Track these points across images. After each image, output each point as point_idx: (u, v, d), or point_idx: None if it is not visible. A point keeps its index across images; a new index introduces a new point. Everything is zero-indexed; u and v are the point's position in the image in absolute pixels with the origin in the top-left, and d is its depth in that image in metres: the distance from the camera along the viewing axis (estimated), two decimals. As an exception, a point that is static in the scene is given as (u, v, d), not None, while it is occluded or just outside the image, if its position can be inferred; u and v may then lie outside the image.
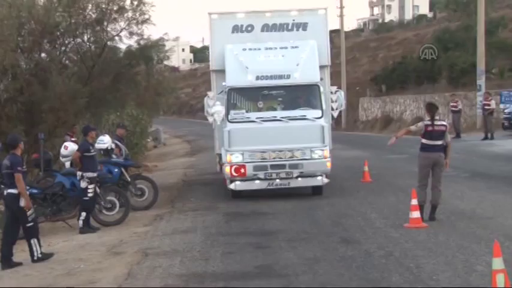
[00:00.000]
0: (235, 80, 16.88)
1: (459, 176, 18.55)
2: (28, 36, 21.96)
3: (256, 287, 9.47)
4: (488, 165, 21.59)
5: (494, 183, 17.82)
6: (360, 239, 12.07)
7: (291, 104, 17.45)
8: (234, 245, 12.09)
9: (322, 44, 17.97)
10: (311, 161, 16.28)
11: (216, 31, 18.43)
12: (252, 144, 16.31)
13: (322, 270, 10.05)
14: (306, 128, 16.48)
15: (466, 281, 8.89)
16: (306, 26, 18.24)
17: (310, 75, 16.86)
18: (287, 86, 17.03)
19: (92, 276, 10.73)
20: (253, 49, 17.57)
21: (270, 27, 18.30)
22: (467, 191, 16.22)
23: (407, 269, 9.79)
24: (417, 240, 11.55)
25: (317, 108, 16.74)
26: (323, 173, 16.54)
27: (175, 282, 9.90)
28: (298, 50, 17.38)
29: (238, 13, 19.01)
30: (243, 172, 16.21)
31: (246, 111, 17.03)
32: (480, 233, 11.53)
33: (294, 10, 18.91)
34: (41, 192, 15.25)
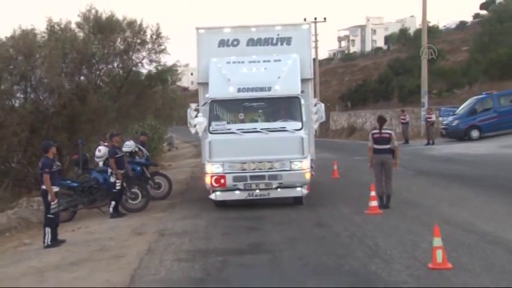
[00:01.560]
0: (217, 92, 14.21)
1: (407, 173, 18.61)
2: (70, 63, 22.12)
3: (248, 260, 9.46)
4: (430, 165, 21.68)
5: (434, 179, 17.91)
6: (331, 223, 12.12)
7: (272, 116, 14.74)
8: (231, 227, 12.10)
9: (305, 58, 15.37)
10: (290, 172, 13.54)
11: (203, 45, 15.67)
12: (232, 155, 13.64)
13: (301, 247, 10.10)
14: (285, 140, 13.73)
15: (412, 256, 8.95)
16: (290, 40, 15.52)
17: (290, 87, 14.11)
18: (268, 98, 14.29)
19: (119, 251, 10.77)
20: (237, 62, 14.81)
21: (255, 42, 15.61)
22: (413, 186, 16.27)
23: (367, 246, 9.84)
24: (375, 224, 11.59)
25: (297, 120, 13.96)
26: (302, 184, 13.84)
27: (185, 256, 9.89)
28: (280, 63, 14.67)
29: (224, 28, 16.06)
30: (223, 182, 13.57)
31: (227, 123, 14.23)
32: (424, 219, 11.57)
33: (278, 25, 16.03)
34: (80, 185, 15.38)
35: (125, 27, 23.76)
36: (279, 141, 13.64)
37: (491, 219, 11.35)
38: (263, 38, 15.54)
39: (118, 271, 9.35)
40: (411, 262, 8.59)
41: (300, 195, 13.94)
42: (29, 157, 19.71)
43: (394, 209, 12.92)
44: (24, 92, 21.89)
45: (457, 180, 17.30)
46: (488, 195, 14.39)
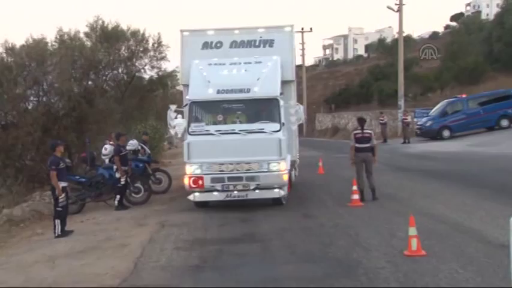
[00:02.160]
0: (196, 93, 13.04)
1: (386, 169, 18.61)
2: (79, 69, 22.11)
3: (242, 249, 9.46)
4: (406, 162, 21.74)
5: (410, 174, 17.96)
6: (316, 214, 12.11)
7: (250, 118, 13.44)
8: (226, 219, 12.07)
9: (287, 60, 13.98)
10: (268, 174, 12.45)
11: (187, 47, 14.42)
12: (210, 156, 12.54)
13: (289, 237, 10.10)
14: (262, 141, 12.55)
15: (389, 244, 8.96)
16: (272, 42, 14.22)
17: (269, 89, 12.87)
18: (247, 100, 12.99)
19: (124, 240, 10.73)
20: (219, 64, 13.55)
21: (238, 44, 14.35)
22: (392, 180, 16.29)
23: (349, 235, 9.85)
24: (356, 215, 11.61)
25: (275, 121, 12.75)
26: (280, 185, 12.71)
27: (183, 245, 9.89)
28: (261, 65, 13.38)
29: (208, 30, 14.80)
30: (201, 184, 12.50)
31: (205, 124, 13.08)
32: (401, 210, 11.58)
33: (261, 27, 14.66)
34: (88, 180, 15.35)
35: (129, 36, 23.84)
36: (257, 143, 12.53)
37: (461, 211, 11.38)
38: (246, 40, 14.40)
39: (122, 258, 9.34)
40: (389, 250, 8.60)
41: (278, 197, 12.87)
42: (42, 155, 19.61)
43: (374, 202, 12.93)
44: (37, 96, 21.82)
45: (431, 175, 17.35)
46: (458, 188, 14.44)
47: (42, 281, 8.47)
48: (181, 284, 7.65)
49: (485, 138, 28.45)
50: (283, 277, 7.62)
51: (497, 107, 30.89)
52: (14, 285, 8.49)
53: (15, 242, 12.73)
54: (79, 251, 10.26)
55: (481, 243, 8.65)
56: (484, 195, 13.15)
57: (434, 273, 7.26)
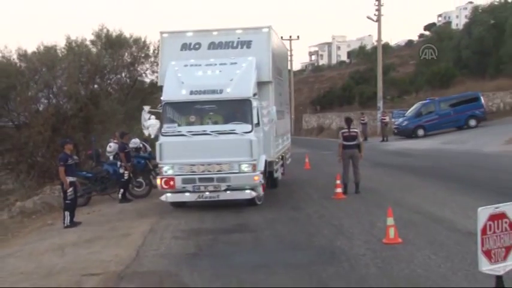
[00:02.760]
0: (170, 94, 12.10)
1: (366, 165, 18.53)
2: (86, 74, 22.08)
3: (235, 238, 9.42)
4: (385, 158, 21.78)
5: (389, 169, 17.99)
6: (303, 206, 12.09)
7: (223, 119, 12.43)
8: (220, 211, 11.98)
9: (264, 61, 12.78)
10: (238, 175, 11.46)
11: (166, 49, 13.40)
12: (181, 157, 11.55)
13: (279, 227, 10.08)
14: (233, 142, 11.53)
15: (369, 233, 8.98)
16: (250, 43, 13.01)
17: (242, 90, 11.87)
18: (219, 101, 11.95)
19: (127, 230, 10.70)
20: (194, 65, 12.47)
21: (216, 45, 13.17)
22: (372, 175, 16.28)
23: (333, 225, 9.83)
24: (339, 207, 11.59)
25: (247, 122, 11.72)
26: (251, 186, 11.69)
27: (181, 235, 9.84)
28: (235, 66, 12.33)
29: (187, 32, 13.54)
30: (172, 184, 11.53)
31: (178, 125, 12.01)
32: (380, 202, 11.57)
33: (239, 29, 13.46)
34: (94, 176, 15.30)
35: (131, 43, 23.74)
36: (228, 144, 11.51)
37: (434, 202, 11.40)
38: (224, 42, 13.20)
39: (126, 247, 9.30)
40: (369, 238, 8.61)
41: (249, 198, 11.79)
42: (51, 152, 19.58)
43: (356, 195, 12.92)
44: (47, 98, 21.84)
45: (407, 170, 17.41)
46: (431, 182, 14.48)
47: (53, 268, 8.43)
48: (179, 270, 7.61)
49: (455, 136, 28.58)
50: (272, 263, 7.59)
51: (466, 108, 31.07)
52: (27, 271, 8.45)
53: (28, 232, 12.66)
54: (86, 240, 10.21)
55: (451, 232, 8.67)
56: (455, 188, 13.19)
57: (409, 259, 7.26)
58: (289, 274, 7.02)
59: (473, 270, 4.88)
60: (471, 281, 6.07)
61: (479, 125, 30.66)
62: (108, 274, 7.73)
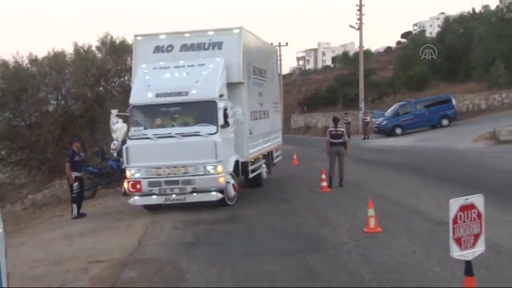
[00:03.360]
0: (137, 97, 11.19)
1: (349, 161, 18.50)
2: (91, 77, 22.00)
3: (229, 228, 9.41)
4: (366, 154, 21.79)
5: (370, 165, 18.01)
6: (292, 199, 12.07)
7: (188, 121, 11.41)
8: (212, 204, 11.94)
9: (235, 62, 11.74)
10: (203, 177, 10.54)
11: (140, 51, 12.36)
12: (147, 160, 10.62)
13: (269, 218, 10.06)
14: (198, 144, 10.56)
15: (352, 223, 8.96)
16: (221, 45, 11.92)
17: (207, 91, 10.86)
18: (185, 103, 10.97)
19: (130, 221, 10.64)
20: (163, 68, 11.51)
21: (188, 47, 12.09)
22: (354, 170, 16.23)
23: (319, 216, 9.83)
24: (325, 199, 11.57)
25: (212, 124, 10.73)
26: (217, 188, 10.74)
27: (179, 225, 9.80)
28: (203, 67, 11.32)
29: (160, 34, 12.48)
30: (139, 188, 10.65)
31: (144, 128, 11.02)
32: (362, 195, 11.55)
33: (211, 30, 12.29)
34: (99, 171, 15.22)
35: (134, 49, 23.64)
36: (192, 146, 10.56)
37: (411, 195, 11.42)
38: (196, 44, 12.11)
39: (129, 236, 9.25)
40: (351, 227, 8.61)
41: (215, 200, 10.79)
42: (60, 149, 19.54)
43: (340, 188, 12.91)
44: (56, 99, 21.81)
45: (386, 166, 17.44)
46: (408, 176, 14.51)
47: (62, 255, 8.39)
48: (178, 258, 7.58)
49: (430, 134, 28.67)
50: (264, 251, 7.57)
51: (439, 109, 31.19)
52: (38, 258, 8.40)
53: (38, 222, 12.59)
54: (92, 230, 10.15)
55: (426, 221, 8.70)
56: (429, 181, 13.22)
57: (388, 247, 7.27)
58: (278, 261, 7.00)
59: (445, 256, 4.90)
60: (443, 266, 6.10)
61: (451, 124, 30.77)
62: (113, 261, 7.70)
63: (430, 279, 5.85)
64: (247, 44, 12.58)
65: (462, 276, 4.60)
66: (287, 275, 6.38)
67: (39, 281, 7.04)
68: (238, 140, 11.74)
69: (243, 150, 11.98)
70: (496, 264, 6.15)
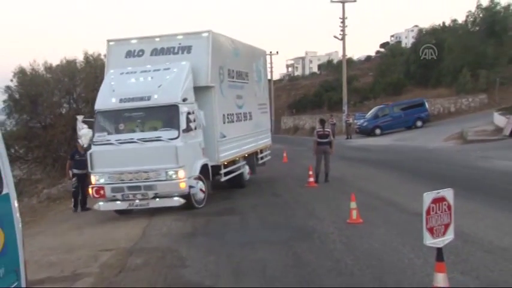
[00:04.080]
0: (101, 103, 10.22)
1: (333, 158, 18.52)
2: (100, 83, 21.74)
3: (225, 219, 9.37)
4: (349, 152, 21.75)
5: (352, 162, 17.93)
6: (282, 193, 12.02)
7: (150, 126, 10.36)
8: (212, 197, 11.80)
9: (203, 65, 10.65)
10: (164, 182, 9.54)
11: (112, 57, 11.39)
12: (111, 166, 9.66)
13: (261, 210, 10.00)
14: (159, 149, 9.58)
15: (336, 214, 8.91)
16: (190, 49, 10.87)
17: (169, 96, 9.84)
18: (147, 108, 9.94)
19: (135, 214, 10.48)
20: (130, 73, 10.45)
21: (158, 51, 11.08)
22: (338, 167, 16.13)
23: (307, 208, 9.79)
24: (312, 193, 11.52)
25: (174, 128, 9.72)
26: (179, 193, 9.71)
27: (180, 217, 9.70)
28: (167, 71, 10.30)
29: (132, 39, 11.47)
30: (103, 193, 9.73)
31: (107, 134, 10.02)
32: (345, 189, 11.49)
33: (180, 34, 11.21)
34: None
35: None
36: (154, 151, 9.58)
37: (389, 189, 11.42)
38: (166, 48, 11.10)
39: (134, 227, 9.18)
40: (336, 219, 8.58)
41: (177, 205, 9.81)
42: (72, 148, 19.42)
43: (325, 183, 12.86)
44: (69, 103, 21.68)
45: (367, 163, 17.42)
46: (386, 172, 14.51)
47: (74, 244, 8.36)
48: (179, 246, 7.53)
49: (406, 135, 28.75)
50: (256, 240, 7.53)
51: (414, 112, 31.31)
52: (52, 246, 8.36)
53: (53, 214, 12.50)
54: (101, 222, 10.08)
55: (402, 213, 8.69)
56: (405, 177, 13.24)
57: (369, 236, 7.26)
58: (270, 249, 6.97)
59: (419, 244, 4.90)
60: (417, 253, 6.11)
61: (424, 125, 30.91)
62: (120, 249, 7.65)
63: (406, 264, 5.86)
64: (219, 48, 11.41)
65: (434, 261, 4.60)
66: (278, 262, 6.35)
67: (53, 267, 6.99)
68: (208, 144, 10.75)
69: (214, 153, 10.93)
70: (463, 250, 6.18)
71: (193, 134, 10.07)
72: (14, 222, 3.17)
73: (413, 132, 29.37)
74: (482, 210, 8.50)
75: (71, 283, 6.27)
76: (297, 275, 5.76)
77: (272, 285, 5.51)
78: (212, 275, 6.04)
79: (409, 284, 5.23)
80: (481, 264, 5.73)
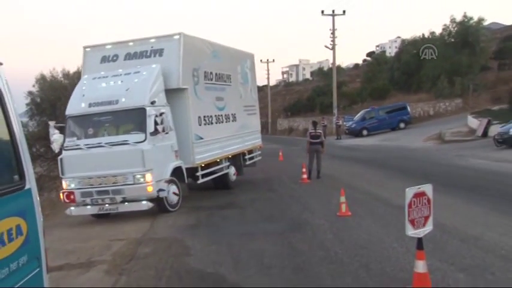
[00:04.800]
0: (72, 108, 9.50)
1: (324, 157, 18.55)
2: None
3: (226, 212, 9.33)
4: (339, 152, 21.72)
5: (342, 160, 17.90)
6: (277, 188, 11.98)
7: (118, 129, 9.35)
8: (214, 192, 11.84)
9: (174, 67, 9.78)
10: (132, 186, 8.71)
11: (87, 63, 10.61)
12: (80, 171, 8.95)
13: (258, 204, 9.97)
14: (126, 153, 8.75)
15: (327, 208, 8.89)
16: (162, 51, 10.03)
17: (136, 99, 9.02)
18: (115, 112, 9.10)
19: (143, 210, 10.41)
20: (102, 77, 9.64)
21: (131, 56, 10.28)
22: (329, 164, 16.11)
23: (301, 203, 9.77)
24: (305, 189, 11.52)
25: (141, 131, 8.88)
26: (147, 197, 8.89)
27: (185, 211, 9.67)
28: (137, 75, 9.46)
29: (107, 44, 10.66)
30: (73, 198, 9.01)
31: (77, 139, 9.25)
32: (335, 185, 11.46)
33: (153, 38, 10.35)
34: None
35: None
36: (121, 155, 8.78)
37: (374, 185, 11.41)
38: (139, 52, 10.27)
39: (142, 220, 9.15)
40: (327, 212, 8.58)
41: (146, 209, 8.96)
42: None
43: (317, 180, 12.84)
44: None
45: (355, 161, 17.42)
46: (373, 169, 14.49)
47: (88, 234, 8.35)
48: (184, 237, 7.52)
49: (390, 135, 28.78)
50: (254, 231, 7.54)
51: (397, 115, 31.40)
52: (69, 237, 8.35)
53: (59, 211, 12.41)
54: (112, 215, 10.00)
55: (387, 206, 8.70)
56: (390, 174, 13.23)
57: (357, 227, 7.27)
58: (266, 239, 6.97)
59: (402, 234, 4.91)
60: (400, 242, 6.12)
61: (406, 127, 31.02)
62: (130, 240, 7.65)
63: (390, 253, 5.86)
64: (191, 50, 10.43)
65: (415, 250, 4.61)
66: (274, 251, 6.35)
67: (71, 255, 6.99)
68: (183, 146, 9.89)
69: (189, 155, 10.06)
70: (441, 239, 6.20)
71: (161, 137, 9.10)
72: (36, 215, 3.18)
73: (397, 133, 29.39)
74: (458, 204, 8.52)
75: (86, 269, 6.28)
76: (291, 263, 5.76)
77: (269, 272, 5.51)
78: (214, 263, 6.04)
79: (392, 270, 5.24)
80: (456, 251, 5.76)
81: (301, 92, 67.81)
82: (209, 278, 5.48)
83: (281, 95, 74.47)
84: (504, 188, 9.93)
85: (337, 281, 5.03)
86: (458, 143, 20.29)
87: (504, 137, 16.50)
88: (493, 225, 6.90)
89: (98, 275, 6.01)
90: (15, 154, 3.09)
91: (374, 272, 5.21)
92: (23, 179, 3.12)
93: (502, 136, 16.62)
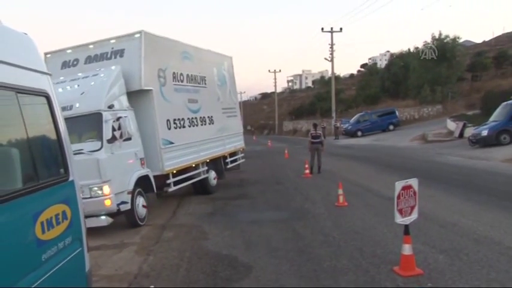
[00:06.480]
0: None
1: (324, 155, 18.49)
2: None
3: (238, 202, 9.37)
4: (337, 150, 21.62)
5: (339, 157, 17.80)
6: (283, 182, 11.98)
7: (74, 137, 6.46)
8: (227, 185, 11.85)
9: (136, 68, 8.02)
10: (88, 200, 6.50)
11: (49, 69, 4.59)
12: None
13: (267, 196, 9.98)
14: (81, 164, 5.32)
15: (327, 199, 8.87)
16: (122, 52, 8.28)
17: (91, 103, 7.12)
18: (70, 118, 5.90)
19: (167, 199, 10.40)
20: (60, 82, 7.55)
21: (92, 59, 8.57)
22: (328, 161, 16.02)
23: (303, 194, 9.75)
24: (307, 182, 11.50)
25: (97, 139, 6.96)
26: (106, 211, 6.89)
27: (203, 201, 9.71)
28: (95, 77, 7.67)
29: (67, 49, 8.91)
30: None
31: None
32: (334, 179, 11.49)
33: (113, 38, 8.52)
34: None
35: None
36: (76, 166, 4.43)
37: (368, 179, 11.34)
38: (99, 54, 8.55)
39: (166, 209, 9.20)
40: (326, 203, 8.57)
41: (105, 224, 6.93)
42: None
43: (318, 174, 12.82)
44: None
45: (351, 158, 17.34)
46: (366, 165, 14.41)
47: (119, 220, 8.10)
48: (202, 223, 7.57)
49: (381, 136, 28.61)
50: (263, 219, 7.55)
51: (387, 118, 31.35)
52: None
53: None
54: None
55: (379, 198, 8.67)
56: (381, 169, 13.15)
57: (352, 216, 7.26)
58: (273, 226, 6.98)
59: (391, 222, 4.93)
60: (390, 229, 6.11)
61: (395, 129, 30.90)
62: (156, 225, 7.70)
63: (380, 238, 5.86)
64: (155, 49, 8.64)
65: (402, 235, 4.63)
66: (280, 236, 6.37)
67: (106, 237, 7.05)
68: (150, 152, 8.09)
69: (158, 162, 8.24)
70: (424, 226, 6.18)
71: (119, 144, 7.18)
72: (78, 203, 3.26)
73: (387, 134, 29.23)
74: (438, 195, 8.46)
75: (119, 250, 6.37)
76: (295, 246, 5.78)
77: (276, 254, 5.54)
78: (228, 246, 6.08)
79: (382, 252, 5.25)
80: (437, 236, 5.75)
81: (304, 98, 67.64)
82: (224, 259, 5.53)
83: (286, 101, 74.35)
84: (476, 181, 9.89)
85: (334, 261, 5.05)
86: (439, 142, 20.24)
87: (477, 137, 16.62)
88: (467, 213, 6.88)
89: (129, 254, 6.09)
90: (61, 151, 3.18)
91: (367, 254, 5.22)
92: (67, 172, 3.20)
93: (476, 137, 16.74)
